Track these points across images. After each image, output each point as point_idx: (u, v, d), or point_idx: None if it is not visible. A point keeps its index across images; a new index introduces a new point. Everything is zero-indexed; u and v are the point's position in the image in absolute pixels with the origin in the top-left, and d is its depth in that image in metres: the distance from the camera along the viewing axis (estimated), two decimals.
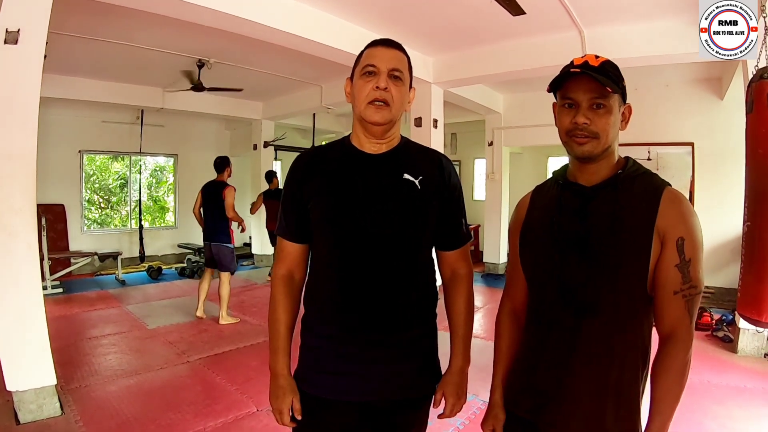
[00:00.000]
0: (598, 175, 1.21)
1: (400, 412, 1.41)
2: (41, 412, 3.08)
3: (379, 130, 1.36)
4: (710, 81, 6.50)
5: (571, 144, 1.19)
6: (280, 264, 1.45)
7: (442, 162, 1.45)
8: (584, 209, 1.20)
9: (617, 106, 1.18)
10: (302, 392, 1.41)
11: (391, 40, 1.39)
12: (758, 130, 2.85)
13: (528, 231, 1.33)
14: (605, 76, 1.14)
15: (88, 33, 4.99)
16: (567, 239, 1.20)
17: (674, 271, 1.12)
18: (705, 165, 6.57)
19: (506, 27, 4.88)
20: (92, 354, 4.38)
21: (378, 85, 1.31)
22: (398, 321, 1.37)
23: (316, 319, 1.41)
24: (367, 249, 1.34)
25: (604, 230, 1.16)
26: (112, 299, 6.61)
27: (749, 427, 3.10)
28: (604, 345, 1.16)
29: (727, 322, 5.03)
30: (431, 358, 1.48)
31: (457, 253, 1.50)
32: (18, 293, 3.02)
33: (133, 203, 9.84)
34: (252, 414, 3.21)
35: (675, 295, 1.12)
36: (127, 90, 7.37)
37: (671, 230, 1.12)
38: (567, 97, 1.19)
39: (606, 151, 1.18)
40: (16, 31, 2.92)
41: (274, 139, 9.49)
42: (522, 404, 1.29)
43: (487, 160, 8.82)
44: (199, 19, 4.06)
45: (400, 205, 1.35)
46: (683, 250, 1.11)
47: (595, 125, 1.15)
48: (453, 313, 1.50)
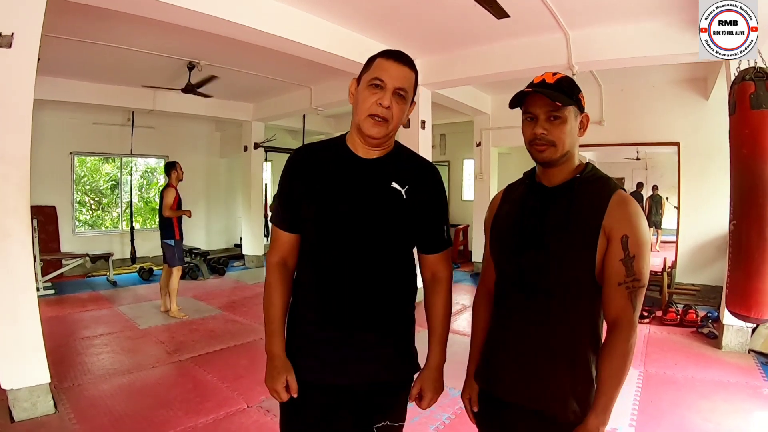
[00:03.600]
0: (559, 177, 1.38)
1: (378, 395, 1.48)
2: (35, 410, 3.11)
3: (374, 142, 1.42)
4: (695, 81, 6.57)
5: (533, 152, 1.36)
6: (275, 252, 1.51)
7: (430, 172, 1.52)
8: (544, 207, 1.37)
9: (573, 116, 1.33)
10: None
11: (404, 54, 1.41)
12: (741, 131, 2.93)
13: (496, 224, 1.49)
14: (560, 91, 1.30)
15: (78, 35, 4.99)
16: (527, 233, 1.36)
17: (618, 265, 1.26)
18: (690, 164, 6.64)
19: (492, 29, 4.92)
20: (85, 354, 4.40)
21: (382, 102, 1.35)
22: (375, 312, 1.44)
23: (300, 305, 1.49)
24: (346, 250, 1.41)
25: (558, 226, 1.31)
26: (103, 300, 6.62)
27: (732, 420, 3.17)
28: (554, 318, 1.31)
29: (712, 318, 5.12)
30: (407, 345, 1.54)
31: (437, 256, 1.57)
32: (12, 292, 3.04)
33: (124, 205, 9.83)
34: (242, 410, 3.25)
35: (619, 287, 1.26)
36: (118, 92, 7.37)
37: (616, 229, 1.26)
38: (527, 112, 1.35)
39: (564, 156, 1.34)
40: (10, 35, 2.94)
41: (264, 141, 9.51)
42: (484, 378, 1.47)
43: (476, 161, 8.88)
44: (189, 23, 4.09)
45: (383, 214, 1.42)
46: (627, 247, 1.25)
47: (552, 135, 1.31)
48: (432, 313, 1.58)
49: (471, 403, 1.53)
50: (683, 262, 6.75)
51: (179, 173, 5.79)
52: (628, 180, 11.57)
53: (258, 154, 9.61)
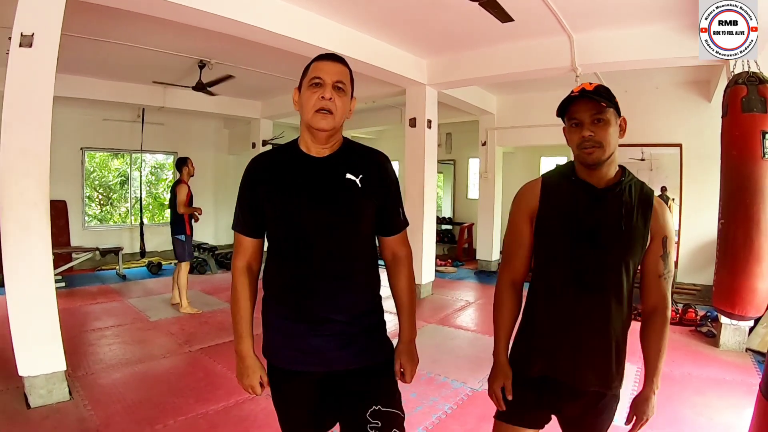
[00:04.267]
0: (606, 178, 1.49)
1: (358, 381, 1.56)
2: (51, 397, 3.22)
3: (324, 136, 1.52)
4: (698, 84, 6.63)
5: (582, 155, 1.45)
6: (239, 257, 1.61)
7: (380, 161, 1.62)
8: (595, 206, 1.47)
9: (614, 119, 1.44)
10: (270, 365, 1.61)
11: (336, 54, 1.54)
12: (732, 133, 3.03)
13: (544, 219, 1.55)
14: (600, 96, 1.40)
15: (92, 34, 5.09)
16: (580, 230, 1.47)
17: (659, 261, 1.50)
18: (693, 166, 6.70)
19: (498, 32, 5.01)
20: (96, 344, 4.53)
21: (324, 96, 1.46)
22: (345, 299, 1.54)
23: (273, 300, 1.58)
24: (315, 240, 1.50)
25: (613, 225, 1.45)
26: (113, 293, 6.76)
27: (725, 415, 3.25)
28: (606, 314, 1.47)
29: (711, 318, 5.19)
30: (379, 330, 1.64)
31: (396, 237, 1.68)
32: (31, 282, 3.15)
33: (133, 200, 9.97)
34: (251, 399, 3.34)
35: (659, 279, 1.51)
36: (129, 89, 7.49)
37: (659, 230, 1.48)
38: (573, 118, 1.45)
39: (610, 157, 1.45)
40: (31, 35, 3.06)
41: (272, 138, 9.60)
42: (533, 365, 1.56)
43: (481, 160, 8.96)
44: (201, 23, 4.17)
45: (343, 202, 1.52)
46: (666, 246, 1.49)
47: (599, 136, 1.41)
48: (397, 290, 1.69)
49: (505, 391, 1.59)
50: (684, 262, 6.81)
51: (191, 169, 5.87)
52: None
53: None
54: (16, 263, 3.11)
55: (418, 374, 1.68)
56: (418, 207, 6.69)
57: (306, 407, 1.59)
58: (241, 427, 2.99)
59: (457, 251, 10.17)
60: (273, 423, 2.97)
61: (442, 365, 3.90)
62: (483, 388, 3.50)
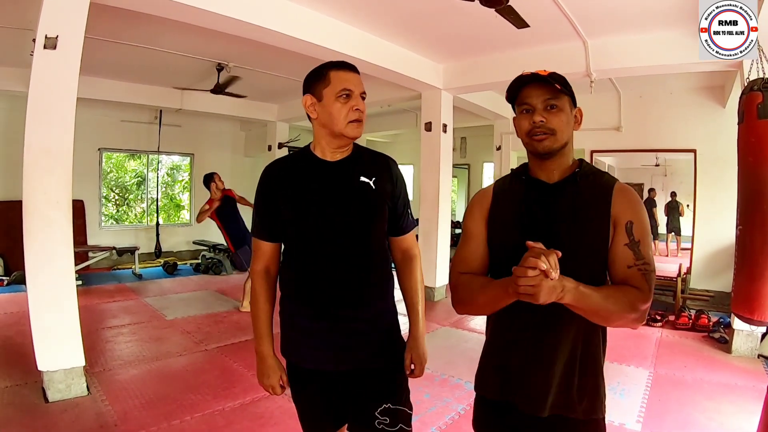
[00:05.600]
0: (558, 172, 1.36)
1: (373, 379, 1.61)
2: (69, 392, 3.28)
3: (350, 142, 1.60)
4: (713, 89, 6.59)
5: (532, 143, 1.33)
6: (258, 261, 1.67)
7: (390, 165, 1.69)
8: (549, 201, 1.34)
9: (568, 107, 1.33)
10: (290, 363, 1.67)
11: (351, 63, 1.62)
12: (748, 139, 3.03)
13: (496, 219, 1.42)
14: (554, 80, 1.29)
15: (112, 36, 5.17)
16: (533, 227, 1.32)
17: (624, 249, 1.26)
18: (707, 171, 6.64)
19: (513, 37, 5.03)
20: (114, 341, 4.62)
21: (359, 108, 1.54)
22: (362, 298, 1.59)
23: (293, 300, 1.63)
24: (334, 240, 1.56)
25: (567, 219, 1.30)
26: (129, 292, 6.86)
27: (736, 421, 3.24)
28: (560, 322, 1.28)
29: (724, 324, 5.17)
30: (395, 330, 1.71)
31: (406, 237, 1.74)
32: (53, 279, 3.23)
33: (150, 200, 10.10)
34: (268, 396, 3.34)
35: (629, 269, 1.25)
36: (147, 91, 7.59)
37: (621, 216, 1.27)
38: (524, 103, 1.34)
39: (563, 147, 1.33)
40: (55, 38, 3.15)
41: (288, 141, 9.68)
42: (489, 386, 1.43)
43: (495, 164, 9.00)
44: (220, 27, 4.22)
45: (360, 203, 1.58)
46: (632, 232, 1.26)
47: (551, 123, 1.29)
48: (408, 288, 1.74)
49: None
50: (698, 268, 6.76)
51: (218, 184, 5.87)
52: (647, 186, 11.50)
53: (282, 153, 9.72)
54: (39, 260, 3.18)
55: (432, 375, 1.73)
56: (432, 211, 6.72)
57: (325, 404, 1.64)
58: (257, 423, 3.04)
59: None
60: (288, 420, 3.06)
61: (456, 367, 3.88)
62: None
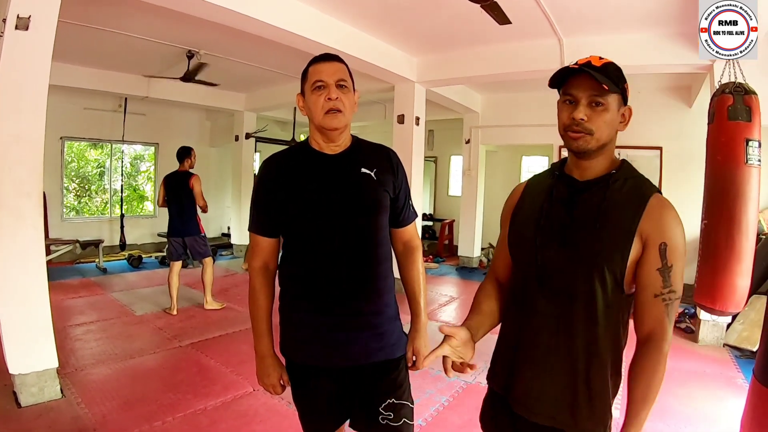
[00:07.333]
0: (592, 171, 1.26)
1: (376, 374, 1.60)
2: (42, 395, 3.14)
3: (336, 134, 1.57)
4: (680, 89, 6.81)
5: (566, 138, 1.24)
6: (256, 257, 1.64)
7: (390, 156, 1.69)
8: (572, 200, 1.25)
9: (616, 105, 1.21)
10: (291, 362, 1.65)
11: (331, 54, 1.58)
12: (717, 139, 3.19)
13: (518, 214, 1.38)
14: (606, 76, 1.17)
15: (77, 19, 4.86)
16: (551, 226, 1.25)
17: (655, 275, 1.15)
18: (672, 169, 6.88)
19: (490, 32, 5.07)
20: (83, 339, 4.46)
21: (330, 97, 1.51)
22: (365, 293, 1.58)
23: (294, 297, 1.61)
24: (338, 234, 1.54)
25: (588, 223, 1.20)
26: (95, 287, 6.65)
27: (707, 405, 3.43)
28: (570, 327, 1.21)
29: (689, 315, 5.38)
30: (398, 324, 1.70)
31: (408, 228, 1.75)
32: (24, 276, 3.06)
33: (113, 191, 9.78)
34: (249, 393, 3.37)
35: (655, 299, 1.16)
36: (113, 77, 7.31)
37: (655, 235, 1.15)
38: (568, 93, 1.22)
39: (601, 148, 1.23)
40: (27, 18, 2.96)
41: (255, 131, 9.51)
42: (497, 380, 1.38)
43: (464, 157, 9.08)
44: (193, 11, 4.03)
45: (362, 195, 1.57)
46: (666, 256, 1.14)
47: (591, 122, 1.19)
48: (410, 279, 1.75)
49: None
50: None
51: (193, 161, 5.52)
52: None
53: (249, 144, 9.62)
54: (8, 254, 3.01)
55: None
56: None
57: (327, 401, 1.62)
58: (242, 422, 3.00)
59: (438, 247, 10.25)
60: (274, 417, 3.05)
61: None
62: (476, 381, 3.62)
